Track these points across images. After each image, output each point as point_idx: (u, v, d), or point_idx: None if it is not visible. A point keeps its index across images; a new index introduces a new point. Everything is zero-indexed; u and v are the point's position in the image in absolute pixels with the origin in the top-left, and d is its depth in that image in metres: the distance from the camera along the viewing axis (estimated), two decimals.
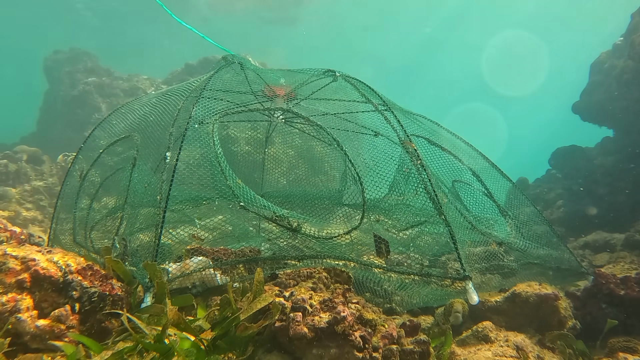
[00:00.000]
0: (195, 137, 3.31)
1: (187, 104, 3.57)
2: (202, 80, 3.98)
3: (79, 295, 2.27)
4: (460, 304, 3.71)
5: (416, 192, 3.12)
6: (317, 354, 2.30)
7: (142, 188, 3.33)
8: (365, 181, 3.51)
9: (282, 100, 4.18)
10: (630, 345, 3.43)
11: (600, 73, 10.10)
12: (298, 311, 2.37)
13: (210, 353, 2.20)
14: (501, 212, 4.22)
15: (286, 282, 3.06)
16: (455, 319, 3.65)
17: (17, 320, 2.06)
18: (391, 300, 4.01)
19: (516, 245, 3.93)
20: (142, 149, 3.61)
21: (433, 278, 3.07)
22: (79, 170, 4.19)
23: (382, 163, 3.49)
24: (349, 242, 3.76)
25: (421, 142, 3.89)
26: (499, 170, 4.48)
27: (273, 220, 3.43)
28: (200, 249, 3.23)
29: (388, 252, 3.17)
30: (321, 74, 4.19)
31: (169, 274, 2.80)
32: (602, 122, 9.96)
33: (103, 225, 3.85)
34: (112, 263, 2.51)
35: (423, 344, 2.61)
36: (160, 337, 2.04)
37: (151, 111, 3.94)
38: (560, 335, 3.46)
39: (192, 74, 14.62)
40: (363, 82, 4.06)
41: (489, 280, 3.93)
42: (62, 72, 14.79)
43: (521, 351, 3.23)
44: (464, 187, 4.26)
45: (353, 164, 3.62)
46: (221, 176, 3.25)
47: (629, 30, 9.43)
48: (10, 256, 2.23)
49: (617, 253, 6.54)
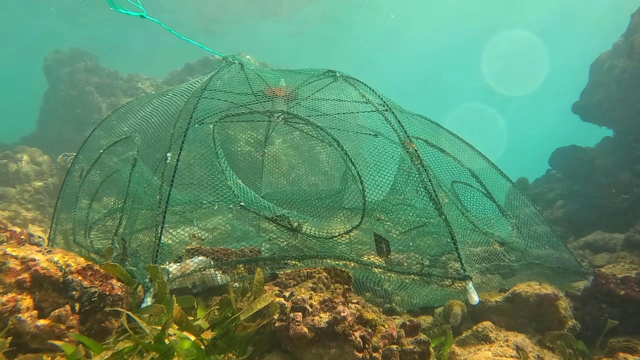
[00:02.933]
0: (195, 137, 3.31)
1: (188, 105, 3.58)
2: (203, 81, 3.98)
3: (79, 295, 2.27)
4: (459, 307, 3.71)
5: (417, 192, 3.12)
6: (317, 354, 2.30)
7: (142, 188, 3.33)
8: (365, 181, 3.51)
9: (282, 100, 4.18)
10: (630, 345, 3.43)
11: (600, 73, 10.09)
12: (298, 311, 2.37)
13: (210, 353, 2.20)
14: (502, 212, 4.23)
15: (286, 282, 3.07)
16: (455, 320, 3.66)
17: (17, 320, 2.06)
18: (391, 300, 4.01)
19: (517, 245, 3.93)
20: (143, 149, 3.61)
21: (433, 278, 3.07)
22: (79, 170, 4.19)
23: (383, 163, 3.49)
24: (348, 242, 3.76)
25: (421, 143, 3.89)
26: (498, 171, 4.49)
27: (273, 220, 3.44)
28: (201, 249, 3.23)
29: (389, 252, 3.17)
30: (321, 74, 4.20)
31: (169, 274, 2.80)
32: (602, 122, 9.96)
33: (103, 225, 3.85)
34: (109, 268, 2.51)
35: (423, 344, 2.61)
36: (160, 337, 2.04)
37: (152, 112, 3.94)
38: (560, 335, 3.46)
39: (192, 74, 14.62)
40: (363, 82, 4.06)
41: (489, 280, 3.93)
42: (62, 72, 14.77)
43: (521, 351, 3.23)
44: (464, 187, 4.27)
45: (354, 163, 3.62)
46: (221, 176, 3.25)
47: (629, 30, 9.43)
48: (10, 256, 2.23)
49: (617, 253, 6.54)
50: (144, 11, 3.98)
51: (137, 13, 3.98)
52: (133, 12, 3.95)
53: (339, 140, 3.65)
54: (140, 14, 3.99)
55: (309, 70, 4.26)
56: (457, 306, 3.70)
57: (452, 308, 3.69)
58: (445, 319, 3.68)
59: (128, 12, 3.92)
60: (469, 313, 3.83)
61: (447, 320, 3.66)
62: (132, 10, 3.95)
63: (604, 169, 9.10)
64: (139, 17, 4.01)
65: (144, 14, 4.00)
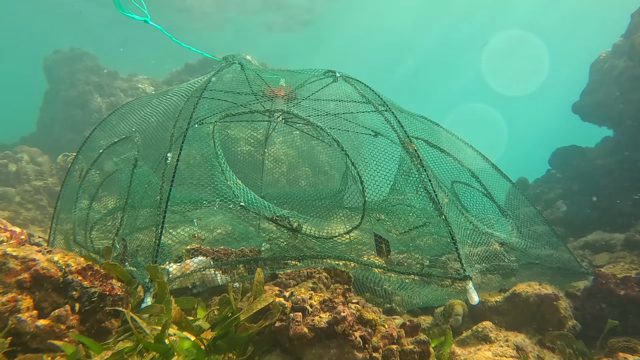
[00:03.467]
0: (195, 137, 3.31)
1: (188, 105, 3.58)
2: (202, 81, 3.98)
3: (79, 295, 2.27)
4: (460, 306, 3.71)
5: (417, 192, 3.12)
6: (317, 354, 2.30)
7: (143, 188, 3.33)
8: (365, 181, 3.51)
9: (282, 100, 4.18)
10: (630, 345, 3.43)
11: (601, 73, 10.10)
12: (298, 311, 2.37)
13: (210, 353, 2.21)
14: (501, 212, 4.22)
15: (286, 282, 3.07)
16: (455, 321, 3.66)
17: (17, 320, 2.06)
18: (391, 300, 4.02)
19: (517, 245, 3.93)
20: (143, 149, 3.61)
21: (433, 278, 3.07)
22: (78, 170, 4.19)
23: (383, 163, 3.50)
24: (348, 242, 3.76)
25: (421, 143, 3.89)
26: (498, 171, 4.49)
27: (273, 220, 3.43)
28: (201, 249, 3.23)
29: (389, 252, 3.17)
30: (321, 74, 4.20)
31: (169, 274, 2.80)
32: (602, 122, 9.96)
33: (103, 225, 3.85)
34: (110, 267, 2.51)
35: (423, 344, 2.61)
36: (160, 336, 2.04)
37: (152, 112, 3.94)
38: (560, 335, 3.47)
39: (192, 74, 14.61)
40: (363, 82, 4.06)
41: (489, 280, 3.93)
42: (62, 72, 14.77)
43: (521, 351, 3.23)
44: (464, 187, 4.27)
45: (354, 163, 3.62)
46: (221, 176, 3.25)
47: (629, 30, 9.43)
48: (10, 256, 2.23)
49: (617, 253, 6.54)
50: (148, 16, 3.99)
51: (142, 18, 3.98)
52: (138, 17, 3.96)
53: (338, 140, 3.65)
54: (144, 19, 4.00)
55: (309, 71, 4.26)
56: (459, 306, 3.69)
57: (453, 308, 3.69)
58: (446, 319, 3.68)
59: (133, 16, 3.93)
60: (469, 313, 3.83)
61: (448, 320, 3.66)
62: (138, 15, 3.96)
63: (604, 169, 9.10)
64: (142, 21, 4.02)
65: (148, 19, 4.00)
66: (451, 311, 3.68)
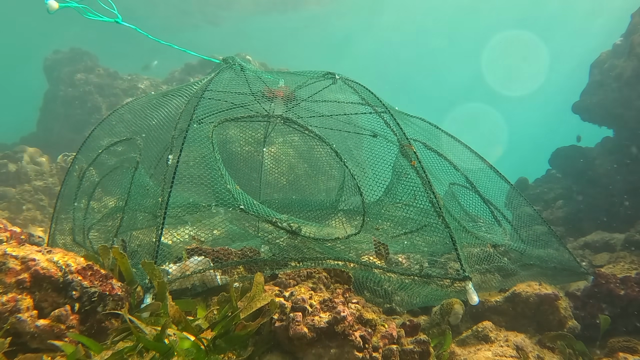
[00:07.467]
0: (195, 137, 3.31)
1: (188, 107, 3.58)
2: (203, 83, 3.99)
3: (79, 295, 2.27)
4: (459, 305, 3.71)
5: (415, 194, 3.12)
6: (317, 353, 2.30)
7: (144, 190, 3.33)
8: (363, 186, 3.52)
9: (281, 101, 4.18)
10: (630, 345, 3.43)
11: (600, 73, 10.08)
12: (298, 311, 2.38)
13: (210, 353, 2.20)
14: (495, 219, 4.23)
15: (286, 282, 3.07)
16: (455, 319, 3.65)
17: (17, 320, 2.06)
18: (391, 300, 4.01)
19: (512, 247, 3.94)
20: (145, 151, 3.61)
21: (433, 279, 3.07)
22: (78, 170, 4.19)
23: (382, 165, 3.50)
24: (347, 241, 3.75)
25: (419, 145, 3.90)
26: (497, 173, 4.49)
27: (273, 223, 3.43)
28: (201, 249, 3.23)
29: (387, 254, 3.18)
30: (321, 76, 4.20)
31: (168, 274, 2.80)
32: (602, 122, 9.95)
33: (103, 225, 3.85)
34: (118, 255, 2.52)
35: (423, 344, 2.61)
36: (160, 336, 2.04)
37: (152, 113, 3.94)
38: (560, 335, 3.47)
39: (192, 74, 14.61)
40: (362, 84, 4.07)
41: (489, 281, 3.93)
42: (62, 72, 14.76)
43: (521, 351, 3.24)
44: (462, 189, 4.27)
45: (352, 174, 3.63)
46: (221, 180, 3.25)
47: (629, 30, 9.43)
48: (10, 256, 2.23)
49: (617, 253, 6.54)
50: (119, 17, 3.95)
51: (112, 19, 3.94)
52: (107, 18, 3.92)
53: (337, 151, 3.65)
54: (115, 20, 3.96)
55: (308, 72, 4.27)
56: (458, 304, 3.69)
57: (452, 306, 3.69)
58: (443, 317, 3.67)
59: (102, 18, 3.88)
60: (469, 313, 3.83)
61: (444, 318, 3.66)
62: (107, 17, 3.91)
63: (604, 169, 9.10)
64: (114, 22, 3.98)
65: (119, 19, 3.96)
66: (450, 309, 3.68)
